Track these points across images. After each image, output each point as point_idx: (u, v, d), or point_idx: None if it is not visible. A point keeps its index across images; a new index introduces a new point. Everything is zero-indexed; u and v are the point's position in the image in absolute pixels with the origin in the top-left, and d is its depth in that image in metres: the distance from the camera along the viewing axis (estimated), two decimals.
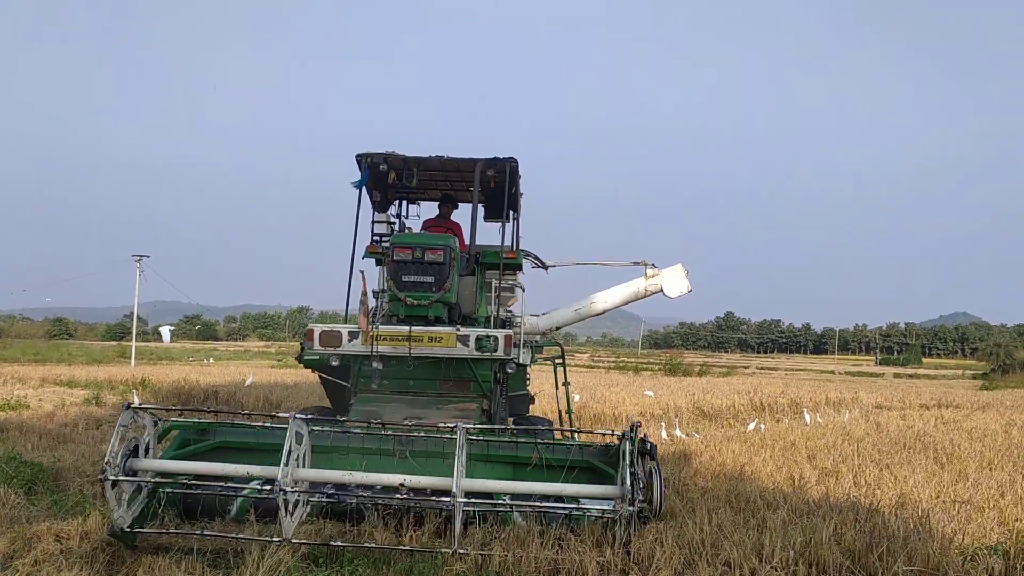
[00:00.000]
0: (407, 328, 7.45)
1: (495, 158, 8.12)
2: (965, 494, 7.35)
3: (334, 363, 7.71)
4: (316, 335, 7.50)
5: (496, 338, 7.46)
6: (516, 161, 8.17)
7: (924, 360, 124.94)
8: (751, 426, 14.50)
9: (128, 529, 5.51)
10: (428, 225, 9.03)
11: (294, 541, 5.35)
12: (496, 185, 8.47)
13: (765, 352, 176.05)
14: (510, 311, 9.20)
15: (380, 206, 9.23)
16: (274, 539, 5.38)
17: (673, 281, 9.82)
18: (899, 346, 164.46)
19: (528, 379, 9.52)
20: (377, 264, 8.73)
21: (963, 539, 5.68)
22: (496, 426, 7.17)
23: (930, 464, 9.36)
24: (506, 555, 5.27)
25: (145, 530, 5.65)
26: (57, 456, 10.13)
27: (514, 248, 8.74)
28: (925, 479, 8.16)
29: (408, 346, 7.37)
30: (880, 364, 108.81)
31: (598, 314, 10.16)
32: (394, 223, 9.06)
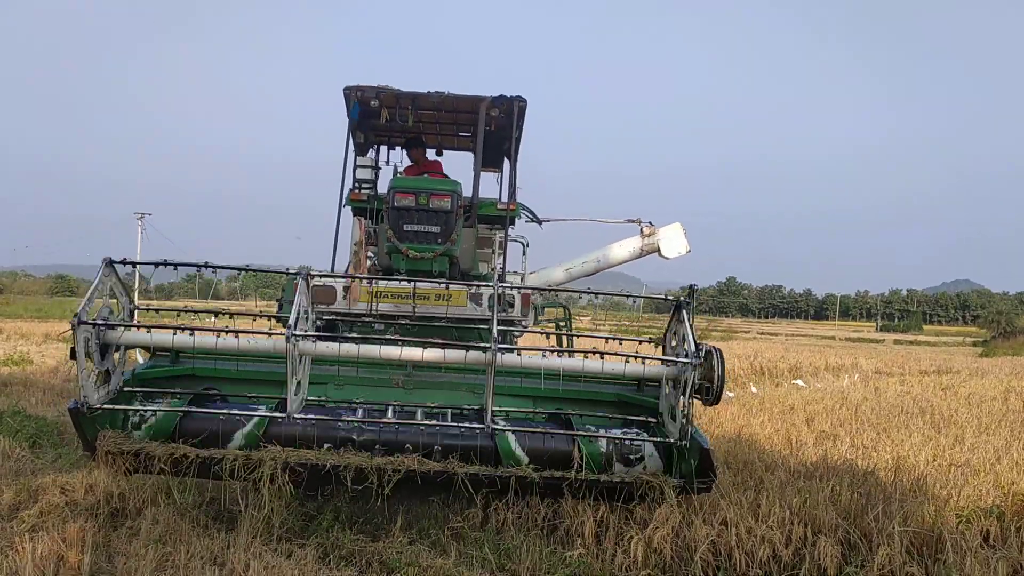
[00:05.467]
0: (410, 284, 6.50)
1: (501, 96, 7.30)
2: (961, 458, 7.40)
3: (317, 324, 6.61)
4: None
5: (513, 296, 6.66)
6: (525, 101, 7.33)
7: (925, 327, 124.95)
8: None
9: (97, 407, 4.95)
10: (416, 173, 8.12)
11: (297, 417, 4.92)
12: (497, 128, 7.72)
13: (766, 317, 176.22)
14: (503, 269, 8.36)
15: (361, 149, 8.33)
16: (276, 414, 5.01)
17: (671, 240, 9.26)
18: (900, 313, 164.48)
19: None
20: (355, 214, 7.85)
21: (958, 501, 5.73)
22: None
23: (927, 429, 9.42)
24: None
25: (119, 406, 5.09)
26: (61, 411, 10.21)
27: (512, 199, 7.88)
28: (922, 443, 8.21)
29: (412, 304, 6.48)
30: (881, 330, 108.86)
31: (590, 274, 9.56)
32: (379, 168, 8.19)
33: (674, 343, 5.53)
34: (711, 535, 5.02)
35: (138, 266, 5.85)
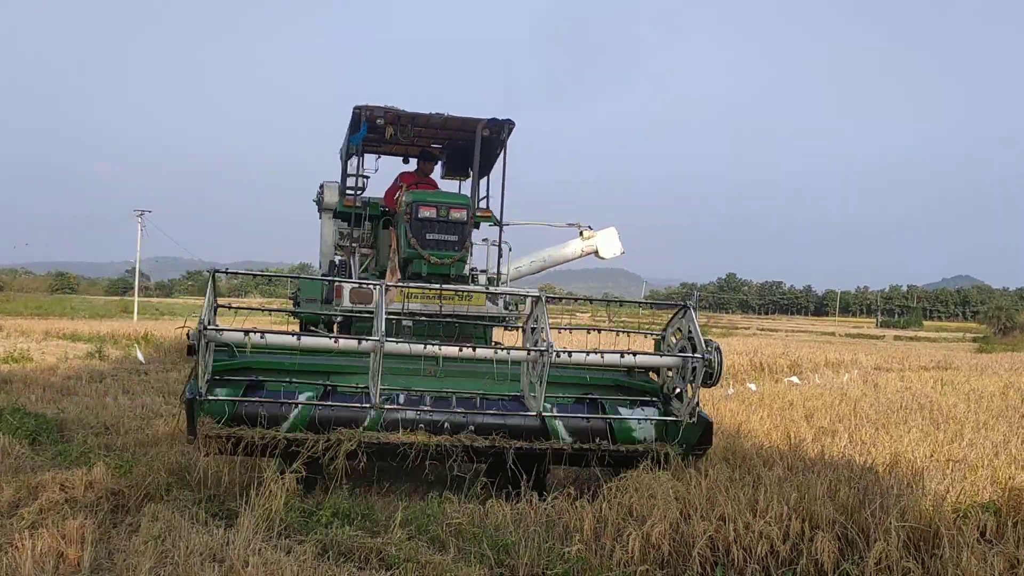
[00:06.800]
0: (438, 288, 7.34)
1: (494, 119, 8.14)
2: (959, 453, 7.42)
3: (338, 319, 7.54)
4: (345, 292, 7.43)
5: (525, 297, 7.55)
6: (513, 123, 8.20)
7: (925, 323, 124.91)
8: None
9: (203, 397, 5.68)
10: (412, 181, 8.83)
11: (385, 406, 5.87)
12: (482, 143, 8.41)
13: (766, 313, 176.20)
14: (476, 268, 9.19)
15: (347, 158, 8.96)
16: (364, 405, 5.88)
17: (607, 243, 10.15)
18: (900, 309, 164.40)
19: None
20: (335, 217, 8.65)
21: (956, 497, 5.74)
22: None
23: (926, 424, 9.43)
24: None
25: (221, 397, 5.87)
26: (61, 408, 10.24)
27: (488, 207, 8.81)
28: (920, 438, 8.22)
29: (439, 304, 7.36)
30: (881, 326, 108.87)
31: (535, 272, 10.41)
32: (368, 177, 8.76)
33: (675, 338, 6.69)
34: (709, 530, 5.02)
35: (137, 268, 6.22)
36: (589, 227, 10.06)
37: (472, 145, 8.53)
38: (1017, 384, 15.33)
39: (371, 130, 8.22)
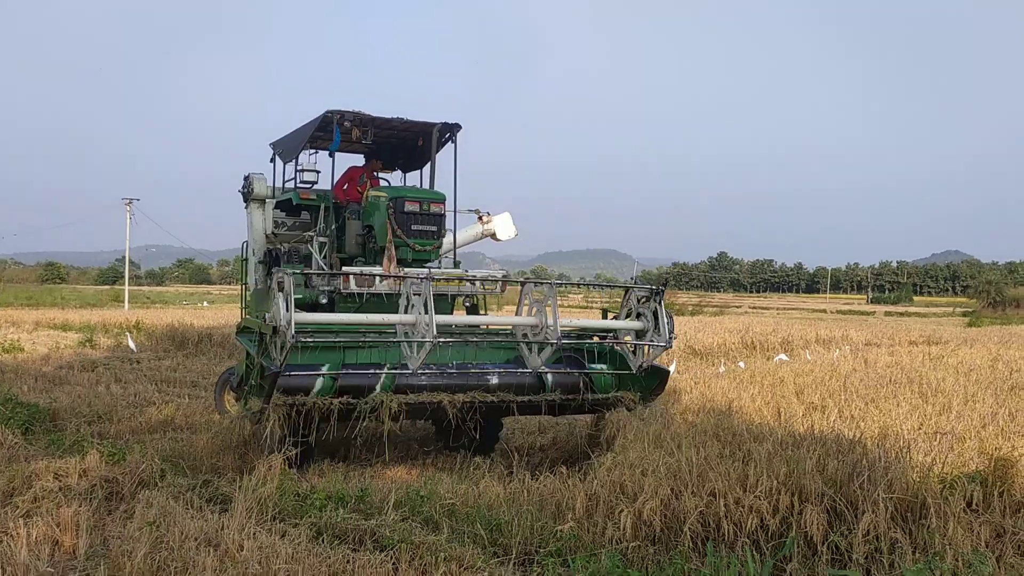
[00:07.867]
0: (425, 270, 8.22)
1: (446, 123, 9.19)
2: (947, 425, 7.48)
3: (322, 301, 8.15)
4: (352, 278, 8.20)
5: (498, 279, 8.80)
6: (460, 126, 9.28)
7: (915, 298, 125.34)
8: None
9: (287, 372, 6.39)
10: (367, 175, 9.57)
11: (420, 372, 6.83)
12: (424, 143, 9.45)
13: (758, 292, 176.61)
14: None
15: (290, 155, 9.52)
16: (405, 370, 6.76)
17: (503, 226, 11.12)
18: (891, 284, 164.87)
19: None
20: (278, 208, 9.41)
21: (943, 468, 5.80)
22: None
23: (915, 398, 9.50)
24: None
25: (297, 373, 6.78)
26: (53, 397, 10.25)
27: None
28: (909, 412, 8.30)
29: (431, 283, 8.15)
30: (871, 303, 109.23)
31: (441, 255, 11.10)
32: (320, 171, 9.22)
33: (628, 309, 8.04)
34: (700, 506, 5.08)
35: (127, 257, 6.43)
36: (488, 212, 11.00)
37: (405, 144, 9.68)
38: (1005, 356, 15.46)
39: (341, 131, 8.88)
